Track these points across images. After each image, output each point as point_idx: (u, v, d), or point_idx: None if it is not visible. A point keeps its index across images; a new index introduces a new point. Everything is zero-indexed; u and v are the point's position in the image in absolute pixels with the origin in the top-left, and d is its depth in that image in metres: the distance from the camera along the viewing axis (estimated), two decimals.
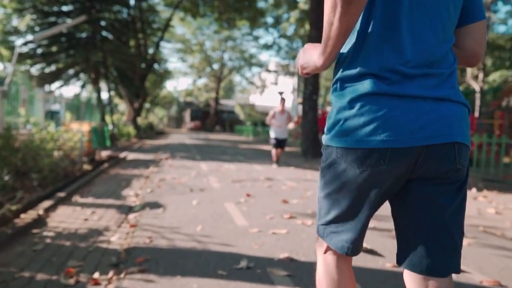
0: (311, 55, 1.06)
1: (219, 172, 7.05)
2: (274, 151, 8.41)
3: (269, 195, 4.87)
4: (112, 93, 21.17)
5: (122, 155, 10.41)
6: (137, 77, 20.64)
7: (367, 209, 1.02)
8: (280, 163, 9.70)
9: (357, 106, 0.94)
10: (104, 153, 10.20)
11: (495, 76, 24.38)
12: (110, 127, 15.63)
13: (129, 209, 3.95)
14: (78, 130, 7.33)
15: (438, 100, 0.93)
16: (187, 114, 51.55)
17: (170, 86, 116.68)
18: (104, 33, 14.99)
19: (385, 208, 1.15)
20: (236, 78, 48.53)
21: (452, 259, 0.99)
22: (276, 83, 36.49)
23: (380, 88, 0.92)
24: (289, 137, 23.81)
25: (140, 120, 24.79)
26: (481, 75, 23.83)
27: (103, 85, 18.36)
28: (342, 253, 1.08)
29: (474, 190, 5.82)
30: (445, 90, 0.95)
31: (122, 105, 33.37)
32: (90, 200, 4.36)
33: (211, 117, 43.58)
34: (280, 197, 4.74)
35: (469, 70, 19.72)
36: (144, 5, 21.12)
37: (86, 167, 7.34)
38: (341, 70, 1.02)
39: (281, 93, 21.86)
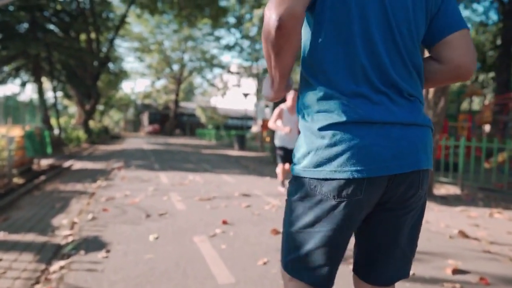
0: (268, 87, 1.08)
1: (183, 186, 5.85)
2: (280, 168, 5.53)
3: (252, 220, 3.78)
4: (60, 93, 19.17)
5: (67, 164, 8.90)
6: (88, 76, 18.77)
7: (343, 240, 0.99)
8: (250, 170, 8.65)
9: (329, 135, 0.92)
10: (45, 162, 8.66)
11: None
12: (56, 131, 13.85)
13: (55, 252, 2.71)
14: (3, 136, 5.85)
15: (405, 125, 0.93)
16: (145, 117, 49.23)
17: (127, 87, 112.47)
18: (50, 26, 13.22)
19: None
20: (197, 79, 46.98)
21: (403, 270, 1.07)
22: (239, 85, 35.45)
23: (350, 117, 0.90)
24: (252, 140, 22.96)
25: (92, 124, 22.78)
26: None
27: (48, 84, 16.43)
28: None
29: (480, 203, 5.08)
30: (412, 115, 0.95)
31: (73, 107, 30.83)
32: (0, 235, 3.06)
33: (171, 120, 41.73)
34: (266, 223, 3.67)
35: None
36: None
37: (17, 181, 5.89)
38: (306, 94, 1.00)
39: (246, 95, 20.84)
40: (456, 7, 1.02)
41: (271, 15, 0.85)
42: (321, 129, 0.93)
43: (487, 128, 16.08)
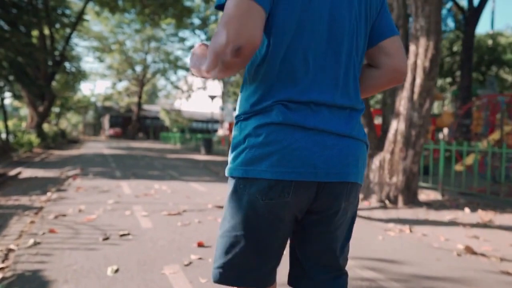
0: (200, 63, 0.98)
1: (148, 198, 5.18)
2: None
3: None
4: (8, 94, 17.60)
5: (14, 172, 7.91)
6: (41, 75, 17.36)
7: (273, 243, 0.98)
8: (220, 177, 8.08)
9: (263, 134, 0.92)
10: None
11: None
12: (3, 135, 12.56)
13: None
14: None
15: (341, 136, 0.95)
16: (106, 120, 47.10)
17: (86, 89, 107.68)
18: None
19: None
20: (161, 82, 45.58)
21: (342, 280, 1.07)
22: (204, 88, 34.67)
23: (287, 118, 0.91)
24: (218, 144, 22.27)
25: (47, 127, 21.20)
26: None
27: None
28: None
29: (467, 210, 4.83)
30: (348, 127, 0.96)
31: (25, 109, 28.70)
32: None
33: (133, 123, 40.10)
34: None
35: None
36: None
37: None
38: (247, 94, 0.99)
39: (212, 97, 20.20)
40: (389, 14, 1.07)
41: (228, 43, 0.81)
42: (257, 127, 0.92)
43: (445, 131, 16.45)
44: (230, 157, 1.00)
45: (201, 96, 40.70)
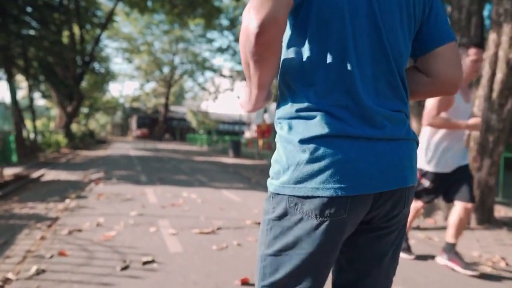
0: (245, 97, 0.95)
1: (176, 209, 4.55)
2: (417, 208, 2.93)
3: None
4: (38, 94, 17.67)
5: (37, 174, 7.54)
6: (70, 75, 17.30)
7: (325, 263, 0.89)
8: (253, 184, 7.40)
9: (310, 149, 0.83)
10: (10, 172, 7.28)
11: None
12: (32, 135, 12.41)
13: None
14: None
15: (390, 139, 0.87)
16: (133, 121, 47.67)
17: (115, 90, 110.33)
18: (26, 18, 11.81)
19: None
20: (188, 83, 45.58)
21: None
22: (231, 89, 34.25)
23: (333, 129, 0.82)
24: (245, 146, 21.53)
25: (76, 127, 21.26)
26: None
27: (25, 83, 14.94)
28: None
29: None
30: (398, 129, 0.89)
31: (56, 109, 29.19)
32: None
33: (160, 124, 40.21)
34: None
35: None
36: None
37: None
38: (285, 104, 0.90)
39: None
40: (445, 17, 0.96)
41: (250, 20, 0.76)
42: (302, 142, 0.84)
43: None
44: (273, 172, 0.90)
45: (228, 98, 40.38)
